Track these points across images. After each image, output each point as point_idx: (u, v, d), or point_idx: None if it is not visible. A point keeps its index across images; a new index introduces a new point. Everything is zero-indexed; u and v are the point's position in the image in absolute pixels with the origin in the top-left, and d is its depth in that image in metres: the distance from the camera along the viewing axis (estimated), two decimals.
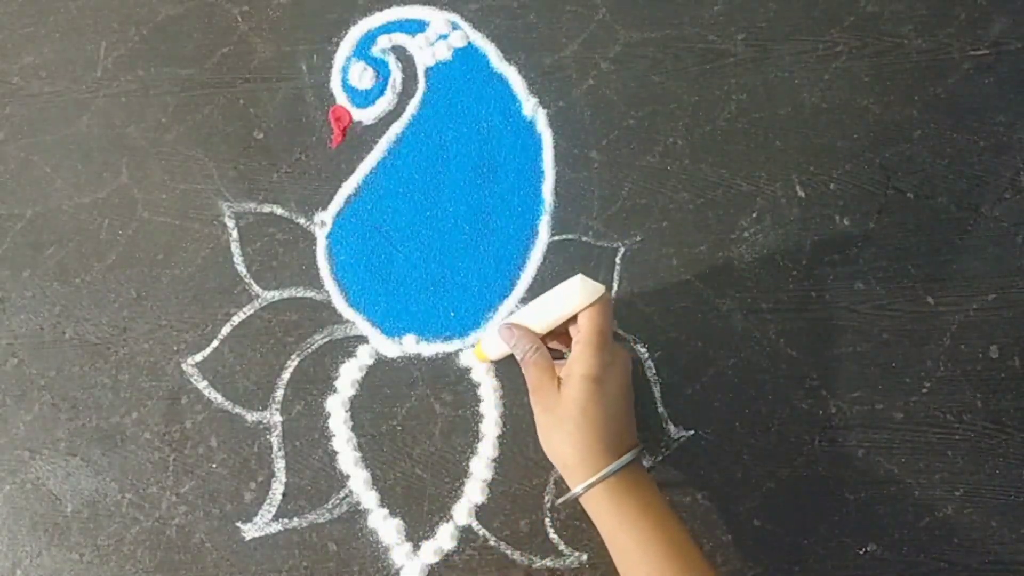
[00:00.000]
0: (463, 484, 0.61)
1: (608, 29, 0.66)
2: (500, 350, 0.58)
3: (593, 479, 0.51)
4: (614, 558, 0.53)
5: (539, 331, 0.56)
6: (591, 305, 0.54)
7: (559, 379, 0.54)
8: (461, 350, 0.63)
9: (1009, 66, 0.66)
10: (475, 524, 0.60)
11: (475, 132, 0.65)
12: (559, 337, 0.57)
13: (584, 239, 0.64)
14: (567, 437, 0.52)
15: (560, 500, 0.55)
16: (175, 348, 0.62)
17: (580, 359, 0.53)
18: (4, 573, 0.60)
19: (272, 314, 0.63)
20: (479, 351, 0.60)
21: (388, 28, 0.66)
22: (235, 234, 0.64)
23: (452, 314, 0.63)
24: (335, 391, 0.62)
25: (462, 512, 0.61)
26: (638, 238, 0.64)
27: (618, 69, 0.66)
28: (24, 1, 0.67)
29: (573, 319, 0.55)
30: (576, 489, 0.52)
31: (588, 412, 0.52)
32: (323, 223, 0.64)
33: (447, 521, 0.61)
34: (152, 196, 0.64)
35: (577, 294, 0.54)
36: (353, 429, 0.62)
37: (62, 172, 0.65)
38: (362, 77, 0.65)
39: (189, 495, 0.61)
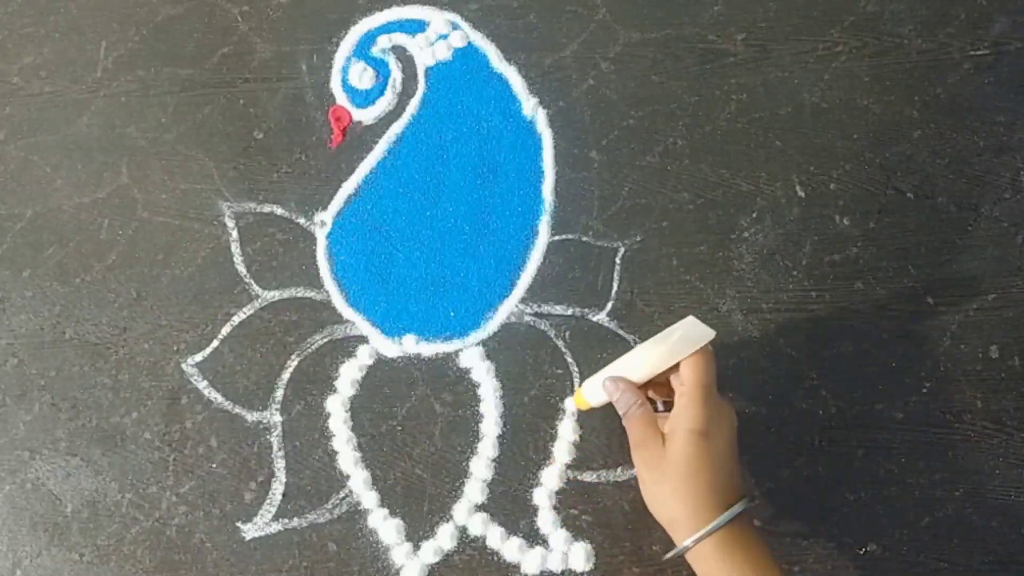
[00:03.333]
0: (463, 484, 0.61)
1: (608, 29, 0.66)
2: (601, 398, 0.57)
3: (702, 532, 0.50)
4: None
5: (644, 375, 0.55)
6: (694, 354, 0.53)
7: (662, 434, 0.53)
8: (461, 350, 0.63)
9: (1009, 66, 0.66)
10: (475, 524, 0.60)
11: (475, 132, 0.65)
12: (657, 388, 0.57)
13: (584, 239, 0.64)
14: (674, 493, 0.52)
15: (667, 556, 0.54)
16: (175, 348, 0.62)
17: (685, 412, 0.52)
18: (4, 573, 0.60)
19: (272, 314, 0.63)
20: (579, 398, 0.59)
21: (388, 28, 0.66)
22: (235, 234, 0.64)
23: (452, 314, 0.63)
24: (335, 391, 0.62)
25: (462, 512, 0.61)
26: (638, 238, 0.64)
27: (618, 69, 0.66)
28: (24, 1, 0.67)
29: (674, 369, 0.55)
30: (685, 543, 0.51)
31: (696, 466, 0.51)
32: (323, 223, 0.64)
33: (447, 521, 0.61)
34: (152, 196, 0.64)
35: (689, 336, 0.54)
36: (353, 429, 0.62)
37: (62, 172, 0.65)
38: (362, 77, 0.65)
39: (189, 495, 0.61)
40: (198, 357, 0.62)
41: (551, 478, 0.61)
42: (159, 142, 0.65)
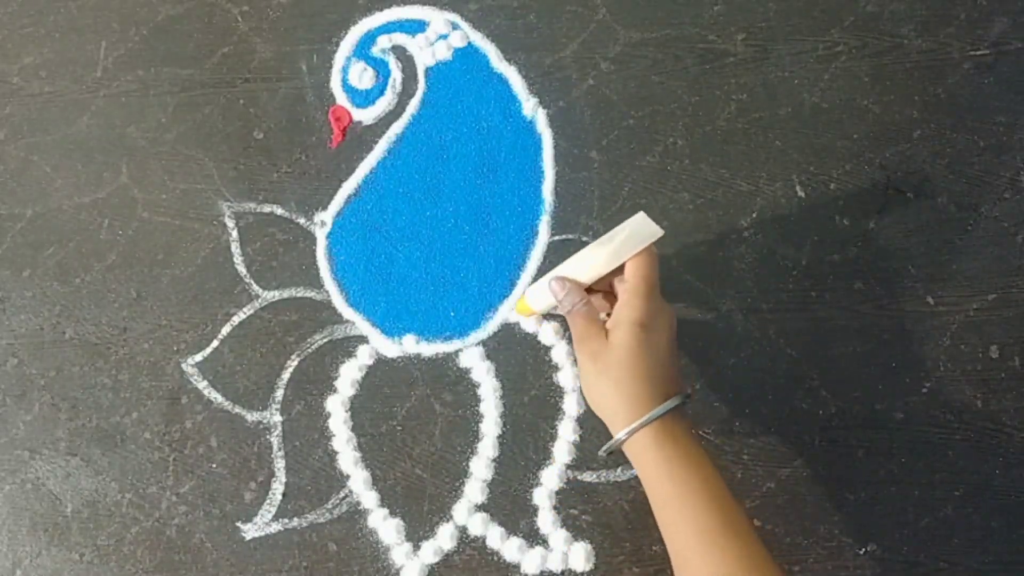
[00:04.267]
0: (463, 484, 0.61)
1: (608, 29, 0.66)
2: (546, 303, 0.57)
3: (638, 422, 0.50)
4: (653, 508, 0.52)
5: (591, 277, 0.55)
6: (638, 255, 0.54)
7: (606, 330, 0.53)
8: (461, 350, 0.63)
9: (1009, 66, 0.66)
10: (475, 524, 0.60)
11: (475, 132, 0.65)
12: (606, 296, 0.57)
13: (584, 239, 0.64)
14: (613, 383, 0.52)
15: (604, 448, 0.54)
16: (175, 348, 0.62)
17: (628, 305, 0.53)
18: (4, 573, 0.60)
19: (272, 314, 0.63)
20: (522, 305, 0.59)
21: (388, 28, 0.66)
22: (235, 234, 0.64)
23: (452, 314, 0.63)
24: (335, 391, 0.62)
25: (462, 512, 0.61)
26: None
27: (618, 69, 0.66)
28: (24, 1, 0.67)
29: (619, 272, 0.55)
30: (619, 434, 0.51)
31: (635, 357, 0.51)
32: (323, 223, 0.64)
33: (447, 521, 0.61)
34: (152, 196, 0.64)
35: (636, 234, 0.54)
36: (353, 429, 0.62)
37: (62, 172, 0.65)
38: (362, 77, 0.65)
39: (189, 495, 0.61)
40: (198, 357, 0.62)
41: (551, 478, 0.61)
42: (159, 142, 0.65)
